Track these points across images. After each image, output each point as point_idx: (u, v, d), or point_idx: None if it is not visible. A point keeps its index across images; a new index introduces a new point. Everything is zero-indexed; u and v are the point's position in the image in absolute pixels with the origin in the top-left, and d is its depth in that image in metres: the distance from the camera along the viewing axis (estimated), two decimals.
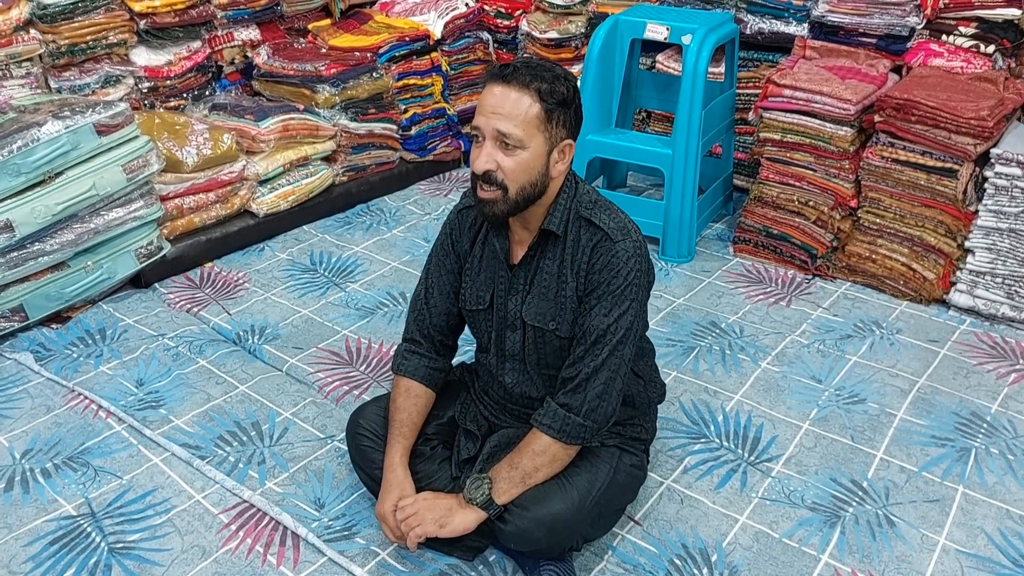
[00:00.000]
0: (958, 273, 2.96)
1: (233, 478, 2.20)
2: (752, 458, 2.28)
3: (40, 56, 3.27)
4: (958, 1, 3.16)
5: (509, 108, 1.64)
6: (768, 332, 2.85)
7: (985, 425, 2.41)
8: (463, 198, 1.95)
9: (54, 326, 2.89)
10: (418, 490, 1.89)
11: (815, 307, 3.01)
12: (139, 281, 3.14)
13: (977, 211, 2.90)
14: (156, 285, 3.15)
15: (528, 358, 1.90)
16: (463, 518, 1.76)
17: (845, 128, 3.05)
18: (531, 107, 1.64)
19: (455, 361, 2.15)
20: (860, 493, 2.16)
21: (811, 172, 3.17)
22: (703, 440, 2.35)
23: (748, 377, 2.62)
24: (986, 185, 2.86)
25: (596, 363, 1.75)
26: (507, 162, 1.66)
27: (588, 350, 1.76)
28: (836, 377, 2.62)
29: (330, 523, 2.06)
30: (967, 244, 2.92)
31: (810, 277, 3.19)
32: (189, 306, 3.02)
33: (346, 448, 2.12)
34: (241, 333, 2.85)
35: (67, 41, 3.31)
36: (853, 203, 3.13)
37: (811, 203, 3.18)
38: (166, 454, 2.30)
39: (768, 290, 3.12)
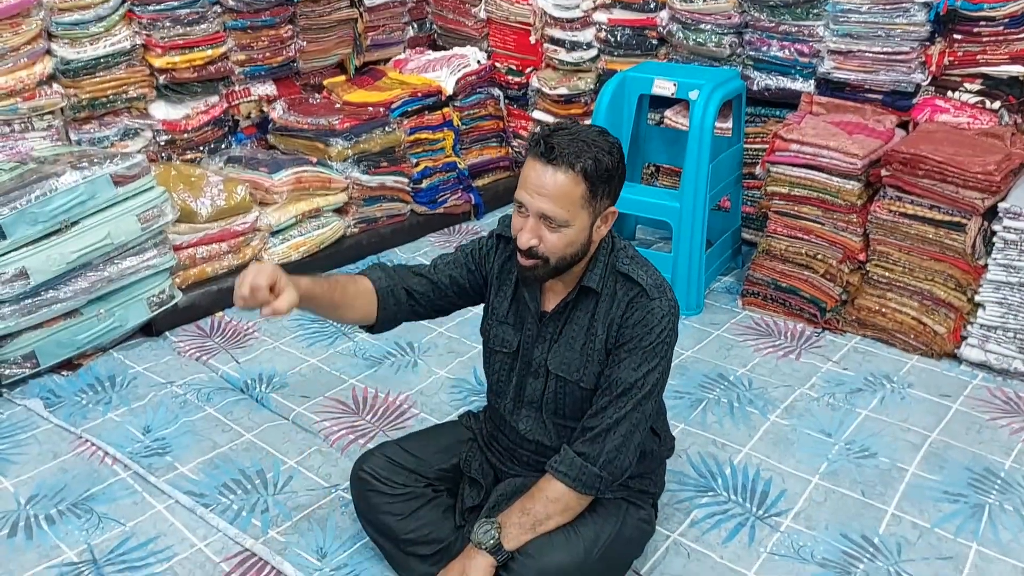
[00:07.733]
0: (969, 327, 2.93)
1: (236, 526, 2.19)
2: (760, 512, 2.25)
3: (61, 109, 3.34)
4: (963, 58, 3.20)
5: (553, 190, 1.64)
6: (777, 385, 2.83)
7: (999, 481, 2.37)
8: (503, 223, 1.90)
9: (65, 373, 2.90)
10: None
11: (825, 360, 2.99)
12: (150, 329, 3.16)
13: (986, 265, 2.88)
14: (167, 333, 3.17)
15: (546, 407, 1.90)
16: (475, 566, 1.74)
17: (852, 182, 3.07)
18: (575, 188, 1.64)
19: (461, 409, 2.13)
20: (871, 549, 2.13)
21: (819, 225, 3.19)
22: (711, 493, 2.32)
23: (757, 430, 2.59)
24: (995, 239, 2.86)
25: (619, 415, 1.76)
26: (551, 238, 1.68)
27: (612, 401, 1.76)
28: (846, 431, 2.59)
29: (332, 572, 2.04)
30: (977, 298, 2.90)
31: (819, 330, 3.18)
32: (199, 354, 3.04)
33: (350, 498, 2.10)
34: (249, 381, 2.85)
35: (88, 95, 3.39)
36: (862, 256, 3.13)
37: (819, 256, 3.19)
38: (170, 501, 2.29)
39: (777, 343, 3.11)
